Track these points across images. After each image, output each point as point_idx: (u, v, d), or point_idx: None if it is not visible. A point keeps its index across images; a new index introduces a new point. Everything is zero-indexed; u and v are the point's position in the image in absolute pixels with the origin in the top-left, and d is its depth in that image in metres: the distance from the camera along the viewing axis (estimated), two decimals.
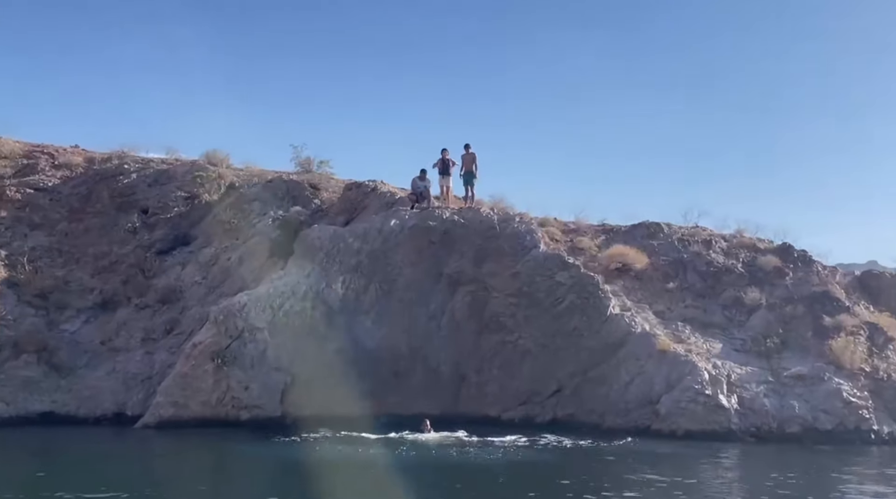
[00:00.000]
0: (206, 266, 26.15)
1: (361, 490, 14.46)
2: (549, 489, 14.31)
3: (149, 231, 27.21)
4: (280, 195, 28.07)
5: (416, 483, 14.23)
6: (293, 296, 22.44)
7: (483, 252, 23.60)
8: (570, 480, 15.00)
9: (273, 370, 21.74)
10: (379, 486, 14.57)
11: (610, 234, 27.98)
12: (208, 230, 27.28)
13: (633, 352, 22.09)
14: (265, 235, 25.90)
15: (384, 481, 14.75)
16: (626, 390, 21.73)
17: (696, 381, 20.89)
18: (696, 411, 20.58)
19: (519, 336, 22.97)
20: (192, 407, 21.17)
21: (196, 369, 21.34)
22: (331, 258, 23.12)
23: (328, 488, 13.88)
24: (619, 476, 15.78)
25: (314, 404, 21.57)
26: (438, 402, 22.75)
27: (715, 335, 23.55)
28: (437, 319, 23.34)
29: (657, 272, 25.49)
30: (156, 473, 15.79)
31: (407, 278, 23.36)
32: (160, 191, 28.21)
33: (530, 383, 22.62)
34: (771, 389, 21.47)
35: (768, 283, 25.19)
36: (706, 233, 27.83)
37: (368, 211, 25.76)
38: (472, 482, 15.15)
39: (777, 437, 20.50)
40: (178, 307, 25.06)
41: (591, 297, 22.93)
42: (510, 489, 14.67)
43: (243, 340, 21.65)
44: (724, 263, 25.84)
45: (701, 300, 24.81)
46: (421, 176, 24.75)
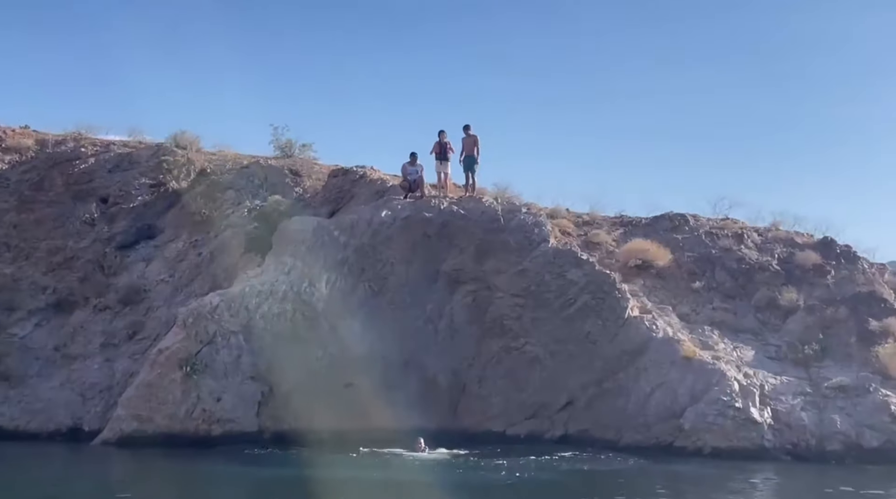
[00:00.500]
0: (173, 262, 26.18)
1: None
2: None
3: (109, 223, 27.22)
4: (257, 183, 28.09)
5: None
6: (271, 296, 22.42)
7: (485, 247, 23.57)
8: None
9: (249, 380, 21.74)
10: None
11: (629, 227, 27.97)
12: (176, 222, 27.33)
13: (654, 360, 22.09)
14: (240, 228, 25.92)
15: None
16: (645, 402, 21.74)
17: (724, 392, 20.90)
18: (725, 426, 20.60)
19: (526, 342, 22.97)
20: (158, 421, 21.15)
21: (162, 379, 21.30)
22: (314, 254, 23.09)
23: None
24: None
25: (295, 418, 21.69)
26: (435, 415, 22.74)
27: (746, 341, 23.56)
28: (433, 323, 23.33)
29: (682, 270, 25.49)
30: (113, 497, 15.77)
31: (399, 277, 23.34)
32: (121, 177, 28.23)
33: (538, 394, 22.62)
34: (809, 401, 21.45)
35: (807, 282, 25.19)
36: (737, 226, 27.86)
37: (356, 201, 25.74)
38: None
39: (816, 455, 20.51)
40: (142, 309, 25.08)
41: (606, 297, 22.92)
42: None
43: (215, 345, 21.65)
44: (757, 260, 25.86)
45: (731, 301, 24.80)
46: (411, 161, 24.74)
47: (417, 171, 24.73)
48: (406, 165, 24.77)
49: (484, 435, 22.40)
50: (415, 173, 24.69)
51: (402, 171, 24.96)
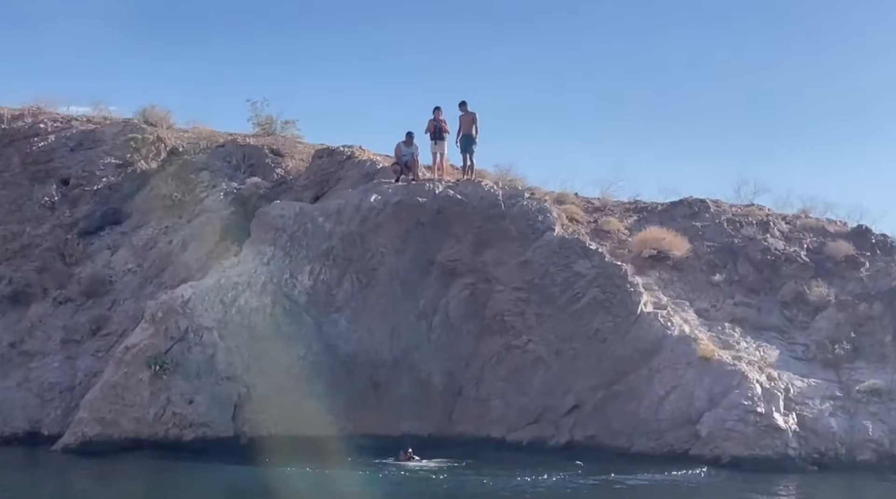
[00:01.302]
0: (141, 251, 26.43)
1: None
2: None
3: (70, 207, 27.43)
4: (234, 163, 28.38)
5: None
6: (249, 289, 22.65)
7: (484, 236, 23.81)
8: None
9: (224, 380, 22.00)
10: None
11: (643, 213, 28.18)
12: (145, 206, 27.57)
13: (668, 360, 22.33)
14: (215, 213, 26.18)
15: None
16: (659, 406, 21.99)
17: (745, 396, 21.15)
18: (746, 433, 20.83)
19: (528, 340, 23.23)
20: (124, 425, 21.40)
21: (128, 379, 21.54)
22: (296, 242, 23.32)
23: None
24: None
25: (275, 423, 21.98)
26: (428, 420, 23.06)
27: (771, 340, 23.79)
28: (427, 319, 23.58)
29: (700, 261, 25.70)
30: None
31: (390, 268, 23.58)
32: (84, 157, 28.40)
33: (542, 397, 22.88)
34: (839, 406, 21.70)
35: (839, 275, 25.41)
36: (763, 213, 28.09)
37: (344, 184, 25.95)
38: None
39: (845, 465, 20.76)
40: (107, 302, 25.33)
41: (617, 291, 23.15)
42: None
43: (187, 342, 21.88)
44: (784, 251, 26.08)
45: (754, 296, 25.01)
46: (407, 140, 24.95)
47: (413, 152, 24.91)
48: (401, 144, 24.95)
49: (482, 442, 22.70)
50: (409, 155, 24.90)
51: (395, 151, 25.17)
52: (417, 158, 25.01)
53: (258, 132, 31.03)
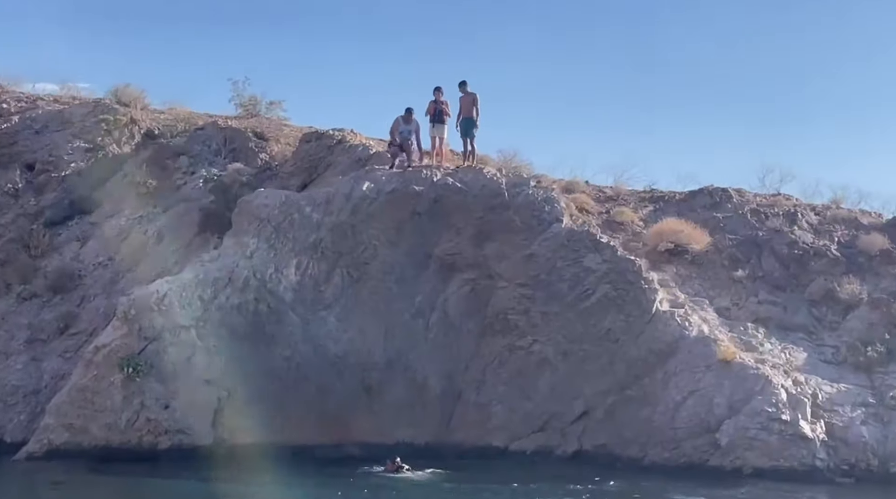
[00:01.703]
0: (113, 242, 26.47)
1: None
2: None
3: (36, 194, 27.53)
4: (214, 148, 28.52)
5: None
6: (230, 284, 22.71)
7: (486, 227, 23.86)
8: None
9: (203, 384, 22.04)
10: None
11: (660, 203, 28.31)
12: (117, 194, 27.60)
13: (685, 362, 22.41)
14: (194, 202, 26.29)
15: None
16: (675, 413, 22.06)
17: (768, 402, 21.23)
18: (769, 443, 20.94)
19: (534, 340, 23.32)
20: (94, 431, 21.47)
21: (99, 382, 21.60)
22: (281, 234, 23.37)
23: None
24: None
25: (258, 429, 21.99)
26: (425, 427, 23.15)
27: (798, 341, 23.89)
28: (423, 317, 23.65)
29: (721, 256, 25.80)
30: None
31: (384, 262, 23.63)
32: (51, 140, 28.51)
33: (548, 403, 22.98)
34: (871, 413, 21.79)
35: (872, 271, 25.50)
36: (790, 203, 28.19)
37: (333, 170, 26.04)
38: None
39: (878, 477, 20.82)
40: (76, 298, 25.38)
41: (630, 288, 23.23)
42: None
43: (162, 342, 21.93)
44: (812, 244, 26.16)
45: (780, 294, 25.10)
46: (406, 117, 24.84)
47: (411, 130, 24.82)
48: (399, 120, 24.76)
49: (483, 451, 22.83)
50: (407, 133, 24.80)
51: (391, 128, 24.91)
52: (414, 140, 24.88)
53: (241, 114, 31.24)
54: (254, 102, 31.29)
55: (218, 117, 30.34)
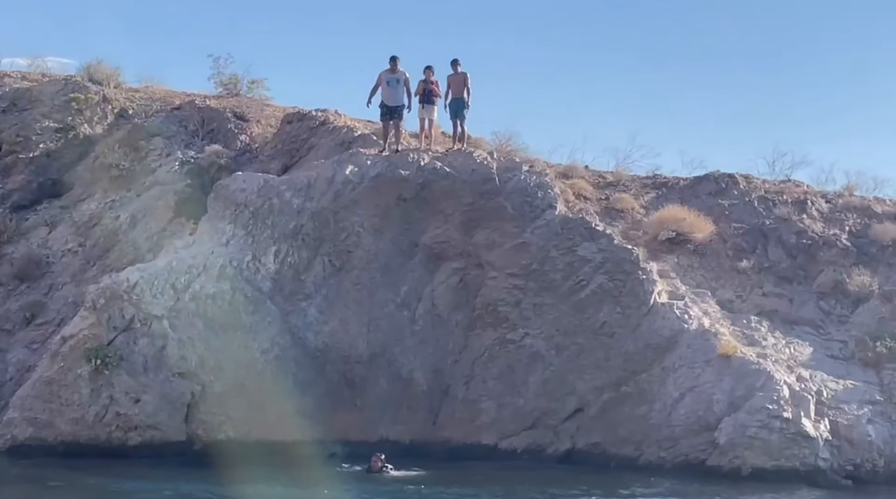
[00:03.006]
0: (84, 228, 26.78)
1: None
2: None
3: (2, 177, 27.79)
4: (192, 129, 28.72)
5: None
6: (205, 272, 22.98)
7: (476, 214, 24.16)
8: None
9: (175, 377, 22.35)
10: None
11: (662, 189, 28.67)
12: (88, 177, 27.86)
13: (684, 357, 22.74)
14: (169, 186, 26.54)
15: None
16: (672, 410, 22.42)
17: (770, 399, 21.51)
18: (770, 442, 21.23)
19: (525, 333, 23.63)
20: (60, 426, 21.78)
21: (65, 374, 21.88)
22: (260, 220, 23.65)
23: None
24: None
25: (233, 425, 22.41)
26: (410, 424, 23.52)
27: (804, 335, 24.24)
28: (409, 308, 23.98)
29: (726, 245, 26.17)
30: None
31: (367, 250, 23.93)
32: (19, 119, 28.65)
33: (540, 399, 23.31)
34: (878, 411, 22.11)
35: (884, 262, 25.88)
36: (800, 190, 28.51)
37: (316, 153, 26.26)
38: None
39: (885, 478, 21.20)
40: (44, 286, 25.68)
41: (627, 279, 23.54)
42: None
43: (133, 333, 22.20)
44: (822, 234, 26.50)
45: (786, 286, 25.47)
46: (391, 67, 24.84)
47: (398, 79, 24.82)
48: (383, 73, 24.88)
49: (471, 449, 23.20)
50: (395, 84, 24.73)
51: (376, 82, 24.91)
52: (404, 92, 24.89)
53: (221, 93, 31.35)
54: (234, 81, 31.44)
55: (196, 96, 30.52)
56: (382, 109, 25.07)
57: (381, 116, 25.27)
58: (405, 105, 25.18)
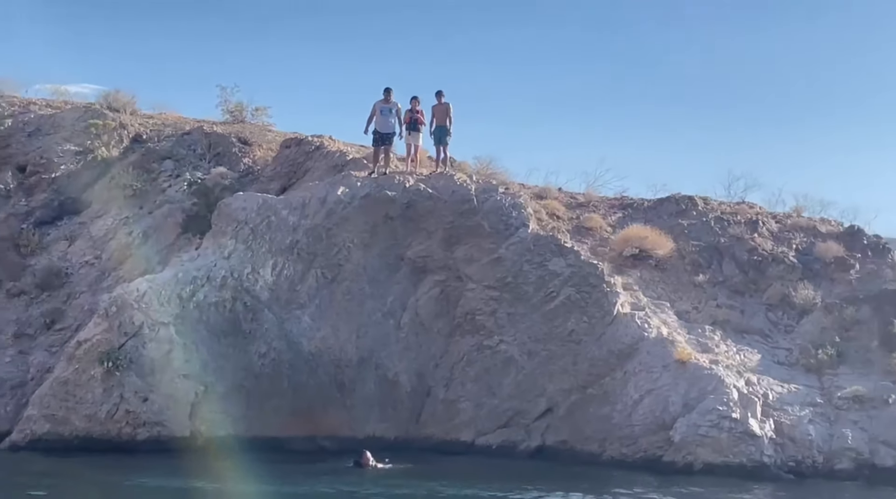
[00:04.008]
0: (100, 242, 27.03)
1: None
2: None
3: (26, 195, 28.07)
4: (199, 152, 29.03)
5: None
6: (208, 283, 23.24)
7: (456, 232, 24.46)
8: None
9: (180, 378, 22.56)
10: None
11: (629, 210, 28.78)
12: (105, 196, 28.14)
13: (644, 363, 22.95)
14: (177, 204, 26.89)
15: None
16: (633, 411, 22.59)
17: (720, 401, 21.73)
18: (720, 440, 21.42)
19: (500, 340, 23.88)
20: (75, 422, 22.03)
21: (80, 375, 22.17)
22: (259, 236, 23.90)
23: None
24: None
25: (233, 422, 22.61)
26: (395, 422, 23.76)
27: (753, 343, 24.42)
28: (395, 317, 24.22)
29: (684, 261, 26.30)
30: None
31: (357, 264, 24.17)
32: (43, 143, 28.98)
33: (513, 400, 23.55)
34: (818, 413, 22.30)
35: (827, 277, 26.02)
36: (753, 211, 28.65)
37: (311, 175, 26.57)
38: None
39: (823, 474, 21.34)
40: (63, 295, 25.91)
41: (593, 291, 23.80)
42: None
43: (142, 338, 22.44)
44: (772, 251, 26.64)
45: (738, 298, 25.65)
46: (385, 97, 25.21)
47: (391, 109, 25.19)
48: (378, 103, 25.20)
49: (450, 445, 23.43)
50: (388, 113, 25.06)
51: (371, 111, 25.20)
52: (395, 122, 25.23)
53: (227, 120, 31.64)
54: (240, 108, 31.77)
55: (204, 122, 30.80)
56: (375, 135, 25.40)
57: (374, 142, 25.57)
58: (396, 132, 25.56)
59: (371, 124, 25.30)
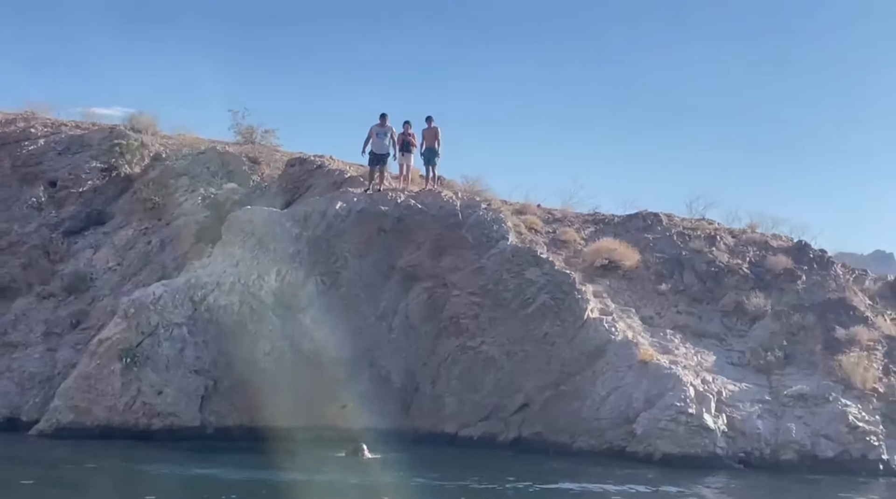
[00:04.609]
0: (122, 250, 27.33)
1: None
2: None
3: (56, 207, 28.36)
4: (213, 169, 29.19)
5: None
6: (218, 288, 23.53)
7: (443, 243, 24.74)
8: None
9: (192, 373, 22.88)
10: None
11: (601, 225, 29.04)
12: (127, 208, 28.52)
13: (611, 363, 23.21)
14: (192, 217, 27.15)
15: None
16: (600, 406, 22.84)
17: (678, 398, 22.00)
18: (677, 433, 21.68)
19: (482, 341, 24.14)
20: (96, 413, 22.30)
21: (101, 370, 22.46)
22: (264, 246, 24.17)
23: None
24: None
25: (239, 414, 22.94)
26: (386, 415, 23.89)
27: (710, 346, 24.69)
28: (387, 320, 24.49)
29: (649, 271, 26.55)
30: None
31: (353, 271, 24.44)
32: (72, 160, 29.34)
33: (493, 395, 23.80)
34: (767, 409, 22.58)
35: (777, 287, 26.27)
36: (712, 227, 28.92)
37: (313, 191, 26.80)
38: None
39: (769, 464, 21.63)
40: (88, 297, 26.20)
41: (566, 298, 24.09)
42: None
43: (157, 337, 22.75)
44: (727, 263, 26.87)
45: (697, 305, 25.92)
46: (381, 122, 25.51)
47: (386, 132, 25.45)
48: (374, 127, 25.48)
49: (436, 436, 23.61)
50: (383, 136, 25.33)
51: (368, 135, 25.45)
52: (390, 145, 25.47)
53: (239, 141, 31.89)
54: (251, 131, 32.04)
55: (218, 143, 31.04)
56: (371, 156, 25.68)
57: (370, 162, 25.86)
58: (390, 154, 25.85)
59: (367, 146, 25.60)
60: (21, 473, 17.81)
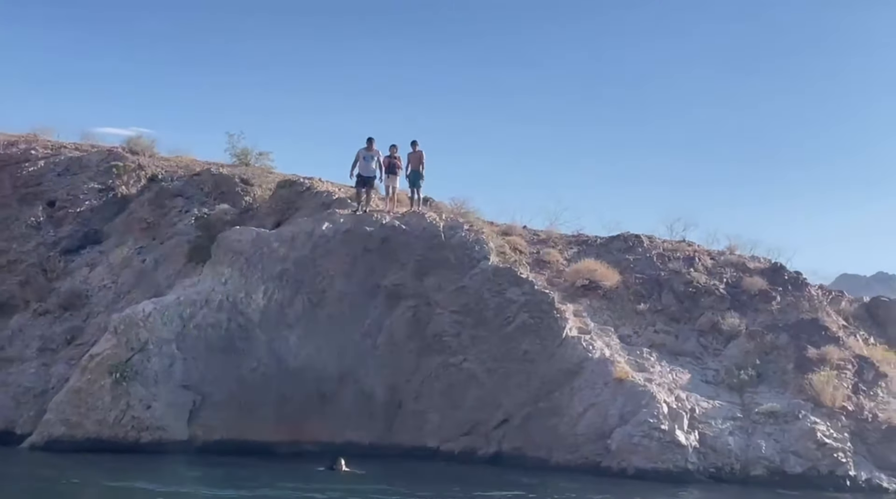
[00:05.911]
0: (117, 268, 27.67)
1: None
2: None
3: (54, 227, 28.71)
4: (206, 190, 29.60)
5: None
6: (206, 305, 23.89)
7: (426, 263, 25.09)
8: None
9: (180, 388, 23.18)
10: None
11: (583, 246, 29.39)
12: (123, 228, 28.85)
13: (588, 380, 23.50)
14: (184, 236, 27.49)
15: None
16: (577, 422, 23.12)
17: (651, 414, 22.30)
18: (650, 448, 21.97)
19: (464, 358, 24.44)
20: (87, 426, 22.59)
21: (91, 384, 22.78)
22: (252, 265, 24.55)
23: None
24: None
25: (226, 428, 23.16)
26: (370, 430, 24.19)
27: (685, 364, 25.00)
28: (371, 337, 24.75)
29: (629, 291, 26.89)
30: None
31: (339, 290, 24.77)
32: (70, 181, 29.71)
33: (474, 411, 24.06)
34: (738, 426, 22.85)
35: (752, 308, 26.61)
36: (691, 249, 29.28)
37: (301, 213, 27.13)
38: None
39: (739, 479, 21.89)
40: (83, 314, 26.55)
41: (545, 317, 24.41)
42: None
43: (147, 353, 23.07)
44: (705, 284, 27.20)
45: (674, 325, 26.25)
46: (367, 146, 25.94)
47: (373, 156, 25.90)
48: (361, 151, 25.93)
49: (419, 451, 23.85)
50: (370, 159, 25.77)
51: (355, 158, 25.89)
52: (376, 168, 25.92)
53: (235, 162, 32.27)
54: (245, 153, 32.42)
55: (213, 165, 31.39)
56: (358, 179, 26.13)
57: (356, 184, 26.30)
58: (377, 176, 26.30)
59: (355, 169, 26.04)
60: (2, 487, 18.05)
